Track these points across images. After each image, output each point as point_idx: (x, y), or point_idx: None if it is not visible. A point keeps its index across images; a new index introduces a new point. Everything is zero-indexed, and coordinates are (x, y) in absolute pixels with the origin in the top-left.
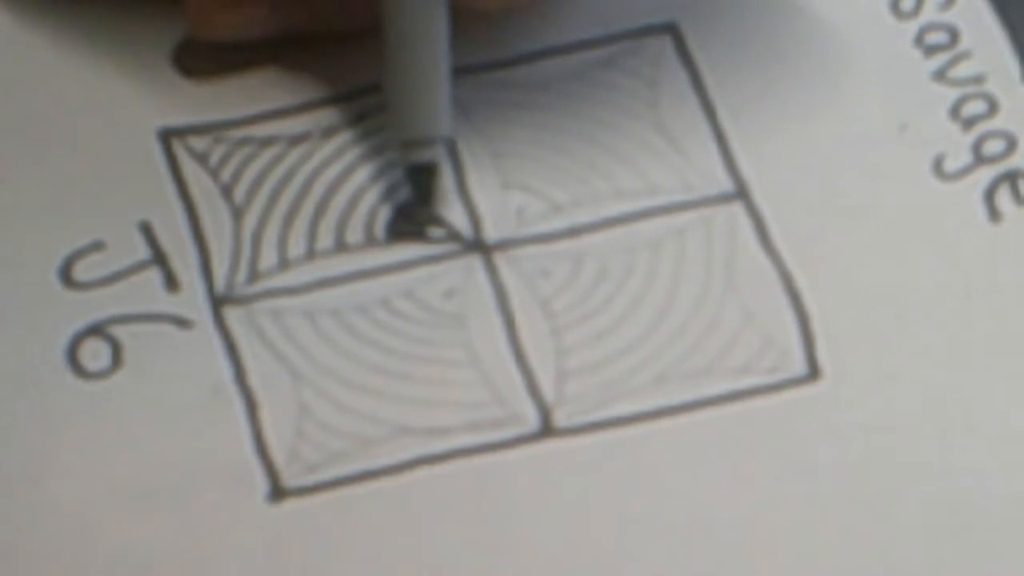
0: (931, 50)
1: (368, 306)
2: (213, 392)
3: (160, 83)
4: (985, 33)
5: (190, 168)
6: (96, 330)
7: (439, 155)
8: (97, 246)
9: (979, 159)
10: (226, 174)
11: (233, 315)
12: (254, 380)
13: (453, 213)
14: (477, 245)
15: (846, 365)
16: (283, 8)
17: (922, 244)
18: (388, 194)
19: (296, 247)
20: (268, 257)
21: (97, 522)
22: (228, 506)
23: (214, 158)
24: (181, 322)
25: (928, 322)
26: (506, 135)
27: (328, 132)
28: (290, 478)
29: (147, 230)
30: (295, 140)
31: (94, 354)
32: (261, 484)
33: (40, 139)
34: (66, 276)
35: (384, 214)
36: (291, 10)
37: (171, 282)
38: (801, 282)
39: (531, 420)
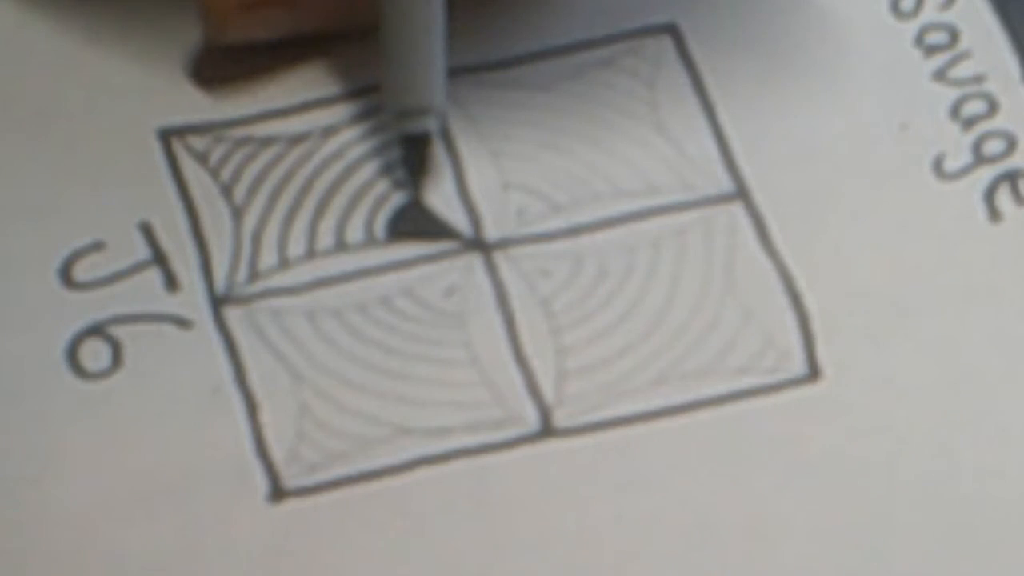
0: (931, 50)
1: (368, 305)
2: (213, 392)
3: (160, 83)
4: (985, 33)
5: (190, 168)
6: (96, 330)
7: (432, 125)
8: (97, 246)
9: (979, 159)
10: (226, 174)
11: (233, 315)
12: (254, 380)
13: (453, 213)
14: (477, 244)
15: (846, 365)
16: (297, 9)
17: (922, 244)
18: (388, 194)
19: (296, 247)
20: (268, 257)
21: (97, 522)
22: (228, 506)
23: (214, 158)
24: (181, 322)
25: (928, 322)
26: (506, 135)
27: (328, 132)
28: (290, 478)
29: (147, 230)
30: (295, 140)
31: (94, 354)
32: (261, 484)
33: (40, 138)
34: (66, 276)
35: (384, 214)
36: (305, 11)
37: (171, 282)
38: (801, 282)
39: (531, 420)
